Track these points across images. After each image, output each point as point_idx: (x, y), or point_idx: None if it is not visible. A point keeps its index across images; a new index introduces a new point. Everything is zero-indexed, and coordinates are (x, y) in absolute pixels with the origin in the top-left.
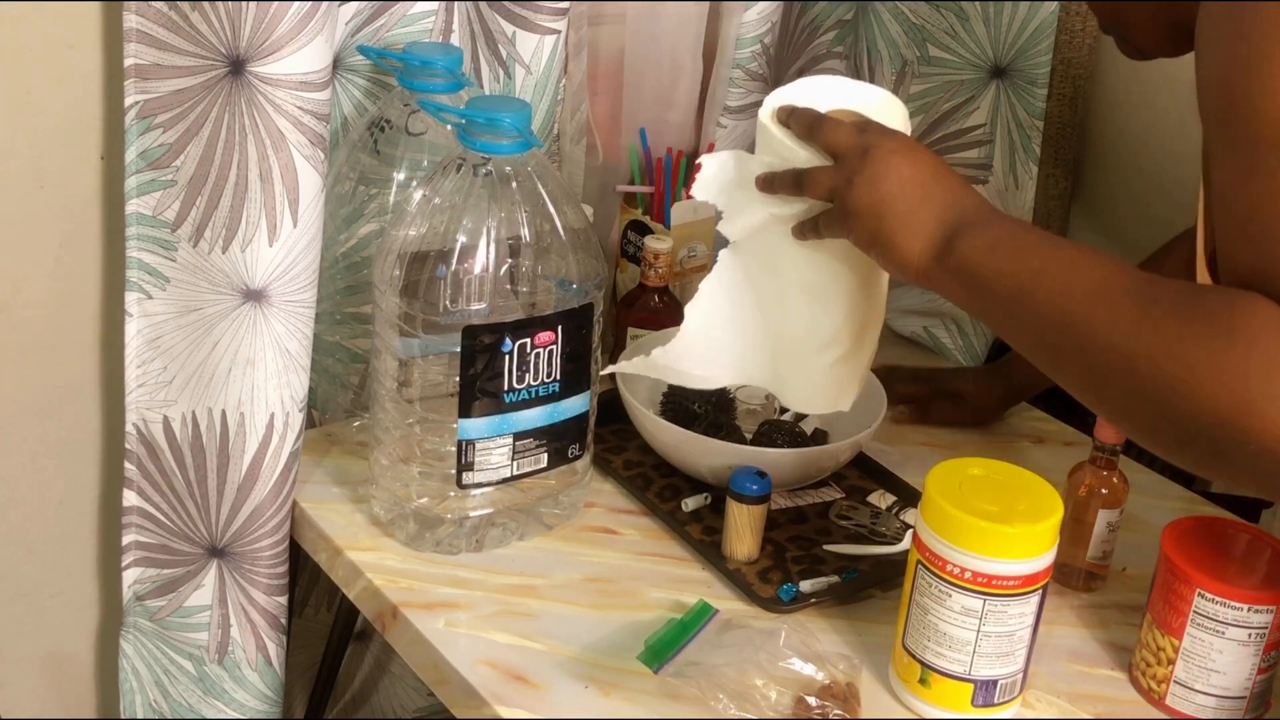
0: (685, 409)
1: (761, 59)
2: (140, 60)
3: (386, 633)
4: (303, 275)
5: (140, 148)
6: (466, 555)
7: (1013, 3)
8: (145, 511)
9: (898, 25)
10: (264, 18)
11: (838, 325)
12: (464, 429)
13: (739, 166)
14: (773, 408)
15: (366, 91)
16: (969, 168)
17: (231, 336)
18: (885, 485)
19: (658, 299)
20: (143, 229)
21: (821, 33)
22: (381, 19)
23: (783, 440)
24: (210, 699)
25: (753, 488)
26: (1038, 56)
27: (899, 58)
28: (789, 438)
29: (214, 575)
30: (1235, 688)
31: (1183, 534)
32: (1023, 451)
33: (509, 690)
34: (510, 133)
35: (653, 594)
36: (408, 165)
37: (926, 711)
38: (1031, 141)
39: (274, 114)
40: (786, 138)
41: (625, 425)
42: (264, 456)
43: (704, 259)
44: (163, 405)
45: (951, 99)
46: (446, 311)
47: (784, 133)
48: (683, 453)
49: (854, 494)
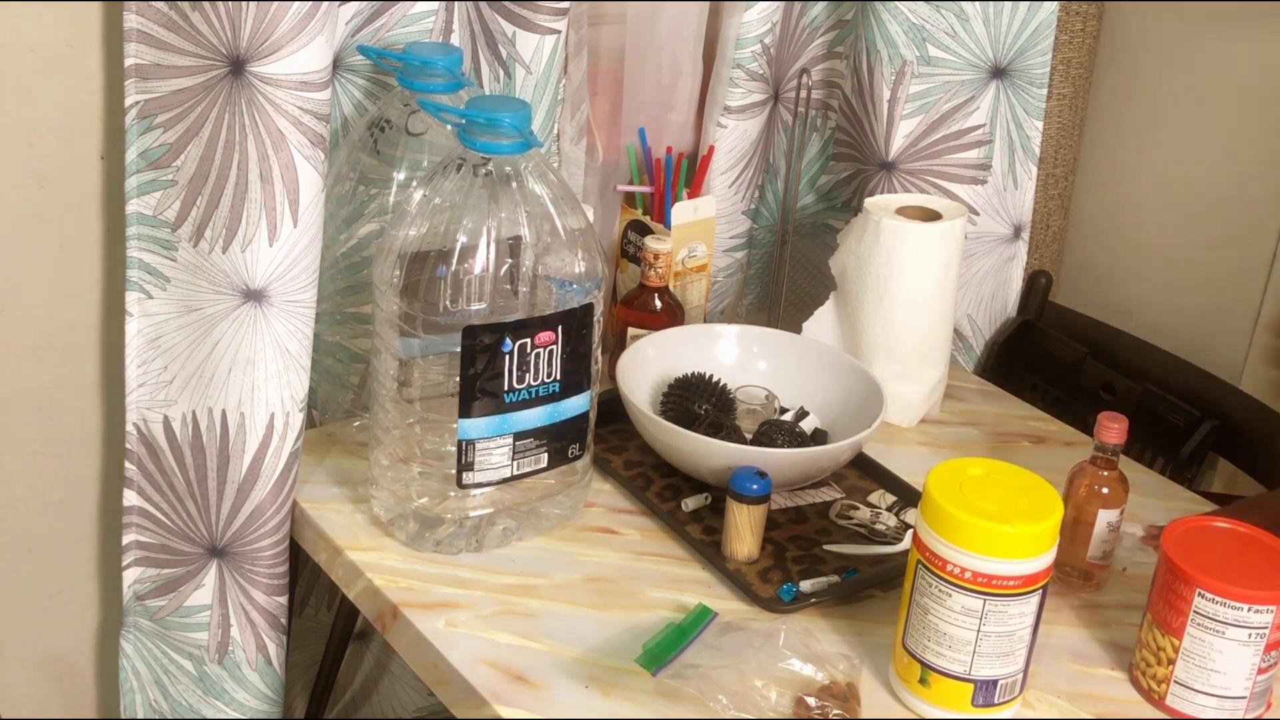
0: (686, 409)
1: (761, 59)
2: (141, 60)
3: (386, 633)
4: (303, 275)
5: (141, 147)
6: (466, 555)
7: (1013, 3)
8: (145, 511)
9: (898, 25)
10: (264, 18)
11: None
12: (464, 429)
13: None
14: (773, 408)
15: (366, 91)
16: (969, 168)
17: (232, 336)
18: (885, 485)
19: (658, 299)
20: (143, 229)
21: (821, 33)
22: (381, 19)
23: (783, 440)
24: (210, 699)
25: (753, 488)
26: (1038, 56)
27: (899, 58)
28: (789, 438)
29: (214, 575)
30: (1235, 688)
31: (1183, 534)
32: (1023, 451)
33: (509, 690)
34: (510, 133)
35: (653, 594)
36: (408, 165)
37: (926, 711)
38: (1031, 141)
39: (274, 114)
40: None
41: (625, 425)
42: (264, 456)
43: (704, 259)
44: (163, 405)
45: (951, 99)
46: (446, 311)
47: None
48: (683, 453)
49: (854, 494)
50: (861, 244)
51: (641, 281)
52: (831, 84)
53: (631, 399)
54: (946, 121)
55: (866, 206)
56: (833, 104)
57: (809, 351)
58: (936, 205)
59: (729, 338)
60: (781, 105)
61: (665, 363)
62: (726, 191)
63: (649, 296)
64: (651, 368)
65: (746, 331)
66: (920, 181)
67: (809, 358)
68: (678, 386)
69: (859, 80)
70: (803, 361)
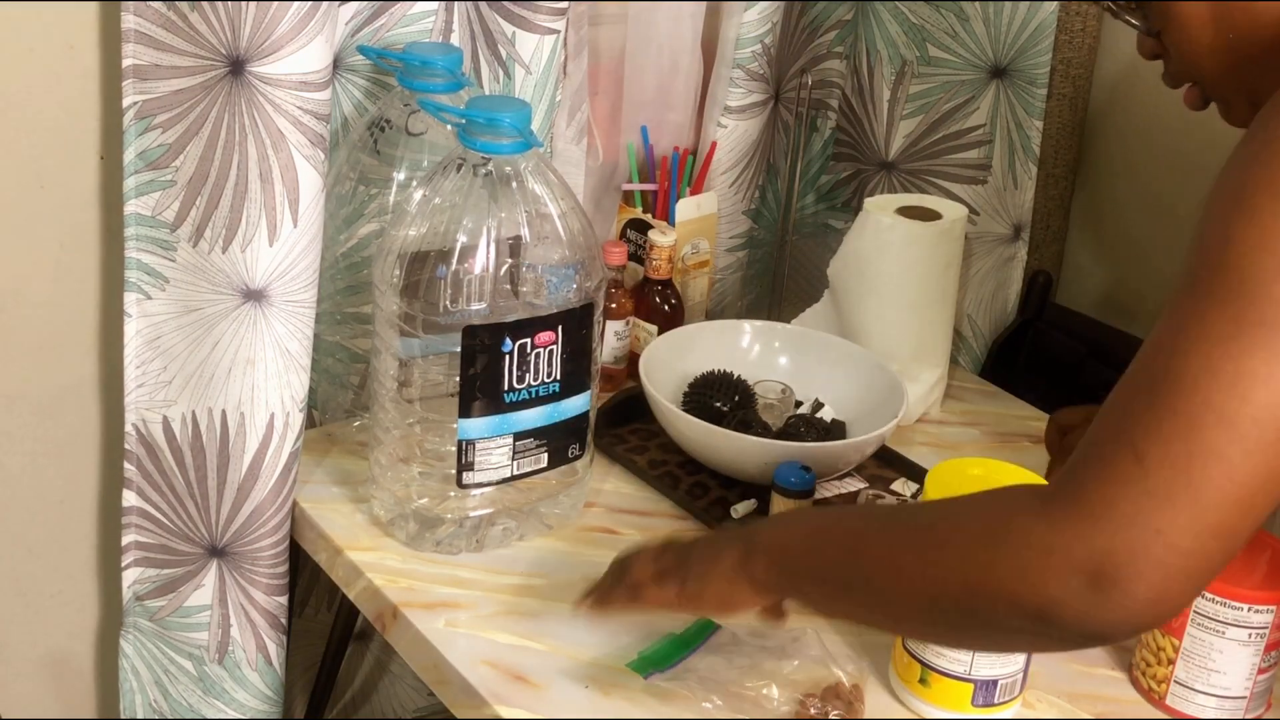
0: (708, 406)
1: (761, 59)
2: (139, 60)
3: (387, 633)
4: (303, 275)
5: (139, 148)
6: (467, 555)
7: (1013, 3)
8: (145, 511)
9: (898, 25)
10: (264, 18)
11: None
12: (464, 429)
13: None
14: (790, 401)
15: (366, 91)
16: (969, 168)
17: (232, 336)
18: (906, 473)
19: (661, 291)
20: (142, 229)
21: (821, 33)
22: (381, 19)
23: (812, 434)
24: (210, 699)
25: (796, 481)
26: (1038, 56)
27: (899, 58)
28: (817, 431)
29: (214, 575)
30: (1235, 688)
31: None
32: (1023, 451)
33: (509, 690)
34: (510, 133)
35: None
36: (408, 165)
37: (926, 711)
38: (1031, 141)
39: (274, 114)
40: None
41: (644, 425)
42: (264, 456)
43: (706, 255)
44: (162, 405)
45: (951, 99)
46: (446, 311)
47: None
48: (717, 450)
49: (876, 483)
50: (861, 244)
51: (646, 275)
52: (831, 84)
53: (659, 398)
54: (946, 121)
55: (866, 206)
56: (833, 104)
57: (825, 345)
58: (936, 205)
59: (748, 333)
60: (781, 105)
61: (683, 360)
62: (727, 191)
63: (653, 289)
64: (670, 366)
65: (767, 328)
66: (920, 181)
67: (827, 350)
68: (699, 384)
69: (859, 80)
70: (822, 355)
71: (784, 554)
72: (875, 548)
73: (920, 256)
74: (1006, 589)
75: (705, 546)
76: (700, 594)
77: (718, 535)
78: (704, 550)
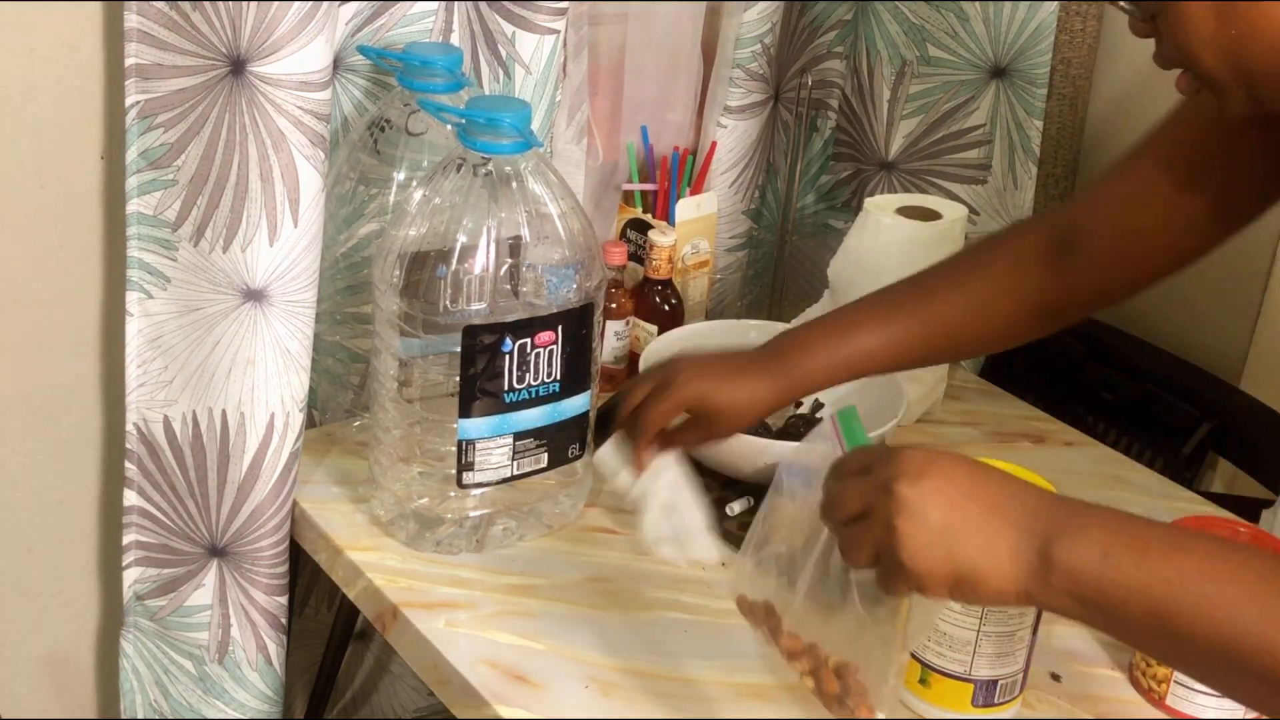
0: None
1: (761, 59)
2: (141, 60)
3: (387, 633)
4: (303, 275)
5: (141, 147)
6: (467, 555)
7: (1013, 3)
8: (145, 511)
9: (898, 25)
10: (264, 18)
11: None
12: (464, 429)
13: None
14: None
15: (366, 91)
16: (969, 168)
17: (232, 336)
18: None
19: (661, 290)
20: (143, 229)
21: (821, 33)
22: (381, 19)
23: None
24: (210, 699)
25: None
26: (1038, 56)
27: (899, 58)
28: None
29: (214, 575)
30: None
31: None
32: (1023, 451)
33: (509, 690)
34: (510, 133)
35: (653, 594)
36: (408, 165)
37: (926, 711)
38: (1031, 141)
39: (274, 114)
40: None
41: None
42: (264, 456)
43: (706, 255)
44: (163, 405)
45: (951, 99)
46: (446, 311)
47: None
48: (716, 450)
49: None
50: (861, 244)
51: (646, 274)
52: (831, 84)
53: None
54: (946, 121)
55: (866, 206)
56: (832, 104)
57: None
58: (936, 205)
59: (748, 333)
60: (781, 105)
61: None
62: (727, 191)
63: (653, 288)
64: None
65: (767, 328)
66: (920, 181)
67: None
68: None
69: (859, 80)
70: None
71: (1096, 590)
72: (1221, 610)
73: (920, 256)
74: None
75: (976, 534)
76: (975, 589)
77: (996, 520)
78: (976, 538)
